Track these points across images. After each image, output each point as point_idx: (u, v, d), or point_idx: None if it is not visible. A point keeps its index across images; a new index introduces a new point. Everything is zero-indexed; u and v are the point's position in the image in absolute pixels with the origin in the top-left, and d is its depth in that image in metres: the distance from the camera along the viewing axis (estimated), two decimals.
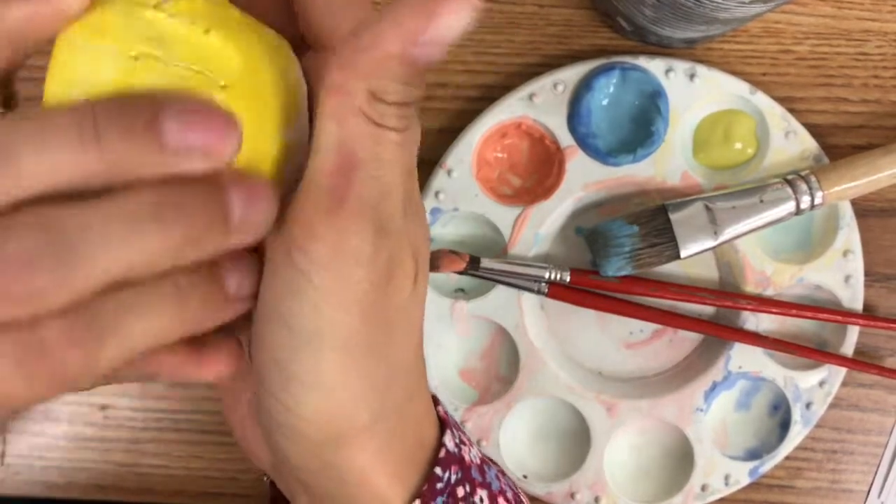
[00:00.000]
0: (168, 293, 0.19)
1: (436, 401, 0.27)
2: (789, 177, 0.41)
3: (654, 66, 0.42)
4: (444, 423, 0.26)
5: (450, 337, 0.43)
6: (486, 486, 0.26)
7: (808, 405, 0.43)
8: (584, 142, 0.42)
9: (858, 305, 0.43)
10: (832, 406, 0.44)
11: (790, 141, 0.43)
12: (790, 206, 0.41)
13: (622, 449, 0.44)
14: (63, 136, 0.17)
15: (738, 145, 0.43)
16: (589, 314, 0.44)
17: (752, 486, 0.44)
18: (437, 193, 0.42)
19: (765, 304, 0.43)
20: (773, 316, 0.43)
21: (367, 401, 0.22)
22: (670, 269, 0.43)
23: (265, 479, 0.25)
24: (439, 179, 0.42)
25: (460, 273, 0.41)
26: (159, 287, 0.19)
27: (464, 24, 0.18)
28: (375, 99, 0.19)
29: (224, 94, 0.20)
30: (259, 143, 0.21)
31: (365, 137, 0.19)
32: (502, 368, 0.44)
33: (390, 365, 0.22)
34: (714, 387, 0.43)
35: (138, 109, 0.18)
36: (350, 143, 0.19)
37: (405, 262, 0.21)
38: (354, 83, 0.19)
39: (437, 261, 0.40)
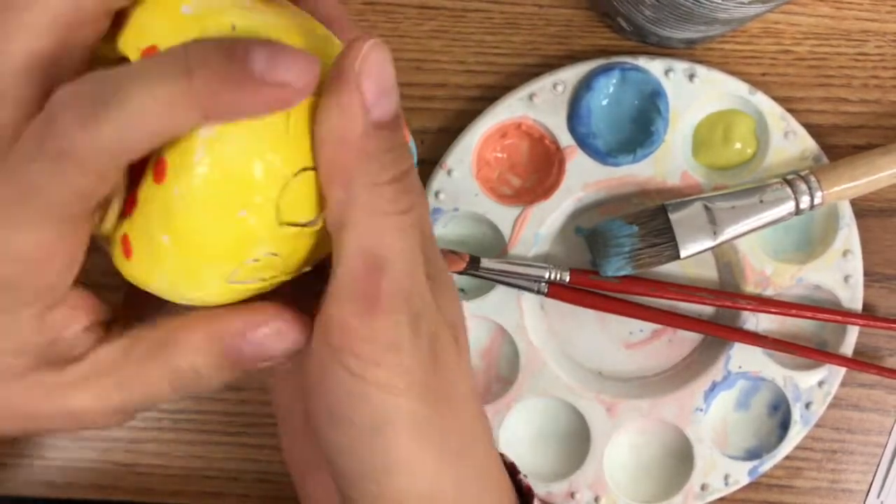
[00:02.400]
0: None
1: (516, 469, 0.28)
2: (789, 177, 0.41)
3: (654, 66, 0.42)
4: (529, 495, 0.27)
5: None
6: None
7: (807, 405, 0.43)
8: (583, 142, 0.42)
9: (858, 305, 0.43)
10: (832, 406, 0.44)
11: (790, 141, 0.43)
12: (790, 206, 0.41)
13: (622, 449, 0.44)
14: (165, 78, 0.18)
15: (738, 145, 0.43)
16: (589, 314, 0.44)
17: (752, 486, 0.44)
18: (437, 193, 0.42)
19: (764, 304, 0.43)
20: (772, 316, 0.43)
21: (448, 473, 0.23)
22: (670, 269, 0.43)
23: None
24: (439, 179, 0.42)
25: (460, 273, 0.41)
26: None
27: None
28: (378, 185, 0.20)
29: None
30: None
31: (381, 234, 0.20)
32: (502, 368, 0.44)
33: (459, 434, 0.23)
34: (714, 387, 0.43)
35: (229, 50, 0.18)
36: (369, 245, 0.20)
37: (444, 336, 0.22)
38: (356, 181, 0.20)
39: None
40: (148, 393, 0.22)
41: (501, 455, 0.28)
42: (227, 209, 0.20)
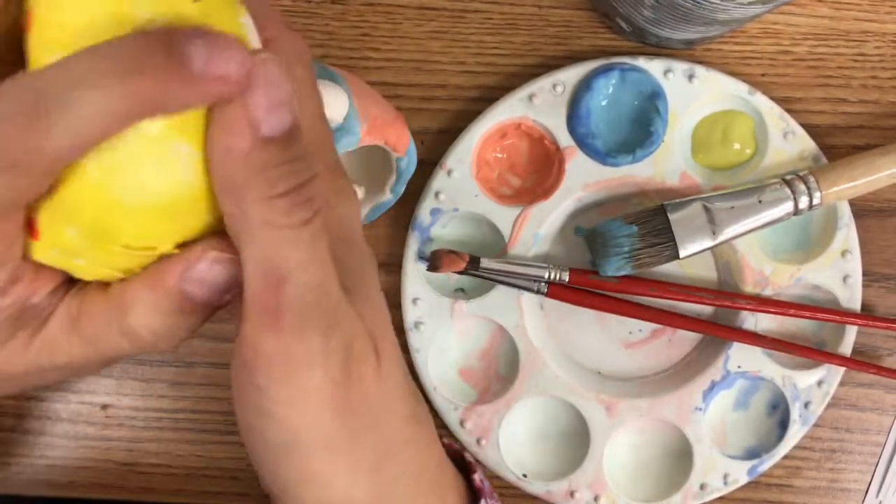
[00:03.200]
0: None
1: (473, 468, 0.27)
2: (788, 177, 0.41)
3: (653, 66, 0.42)
4: (479, 492, 0.27)
5: (450, 337, 0.43)
6: None
7: (806, 404, 0.43)
8: (583, 142, 0.42)
9: (856, 305, 0.43)
10: (830, 405, 0.44)
11: (789, 141, 0.43)
12: (788, 207, 0.41)
13: (621, 448, 0.44)
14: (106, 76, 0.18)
15: (737, 146, 0.43)
16: (588, 314, 0.44)
17: (751, 485, 0.44)
18: (437, 193, 0.42)
19: (763, 303, 0.43)
20: (771, 316, 0.43)
21: (365, 483, 0.23)
22: (669, 269, 0.43)
23: None
24: (439, 179, 0.42)
25: (460, 273, 0.41)
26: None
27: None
28: (269, 199, 0.19)
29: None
30: None
31: (278, 248, 0.20)
32: (502, 368, 0.44)
33: (381, 443, 0.23)
34: (713, 386, 0.43)
35: (167, 46, 0.18)
36: (267, 259, 0.20)
37: (361, 347, 0.22)
38: (246, 196, 0.19)
39: (437, 261, 0.40)
40: (110, 351, 0.22)
41: (458, 452, 0.28)
42: None
